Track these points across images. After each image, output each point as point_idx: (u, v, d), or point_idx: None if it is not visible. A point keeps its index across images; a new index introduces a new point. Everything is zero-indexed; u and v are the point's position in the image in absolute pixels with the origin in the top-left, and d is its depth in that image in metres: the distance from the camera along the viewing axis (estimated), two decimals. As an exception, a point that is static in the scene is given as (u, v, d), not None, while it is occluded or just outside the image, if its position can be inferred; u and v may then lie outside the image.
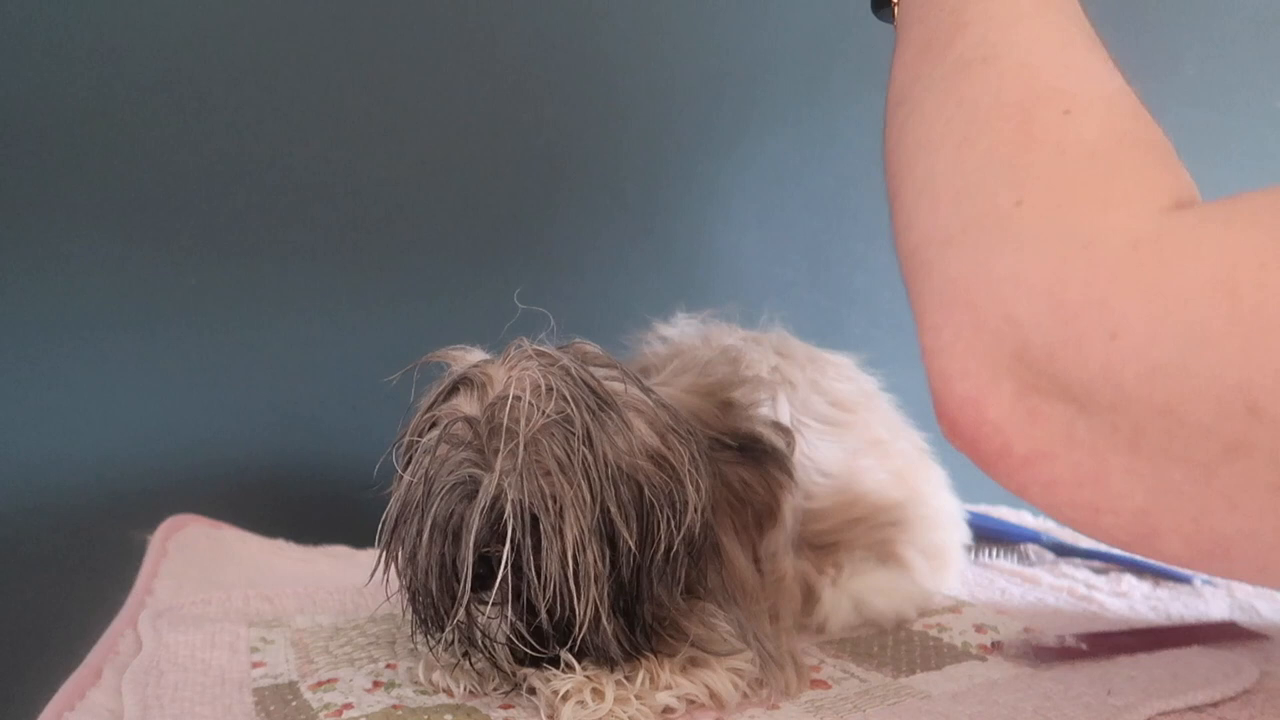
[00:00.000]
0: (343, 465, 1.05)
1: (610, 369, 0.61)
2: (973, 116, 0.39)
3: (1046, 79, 0.39)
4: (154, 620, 0.68)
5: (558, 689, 0.55)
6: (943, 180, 0.38)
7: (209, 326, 1.06)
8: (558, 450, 0.54)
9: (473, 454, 0.55)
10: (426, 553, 0.56)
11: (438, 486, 0.55)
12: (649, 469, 0.57)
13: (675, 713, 0.57)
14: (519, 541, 0.53)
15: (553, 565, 0.53)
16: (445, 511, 0.55)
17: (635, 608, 0.56)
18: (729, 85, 1.27)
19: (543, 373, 0.56)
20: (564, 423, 0.55)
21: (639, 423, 0.58)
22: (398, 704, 0.57)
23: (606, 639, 0.55)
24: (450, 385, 0.58)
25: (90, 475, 1.02)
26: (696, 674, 0.58)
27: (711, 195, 1.26)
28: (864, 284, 1.36)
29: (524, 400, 0.55)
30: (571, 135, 1.21)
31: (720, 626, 0.59)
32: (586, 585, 0.54)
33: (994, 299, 0.32)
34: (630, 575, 0.55)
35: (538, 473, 0.54)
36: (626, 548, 0.55)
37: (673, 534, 0.56)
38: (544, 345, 0.60)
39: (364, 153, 1.12)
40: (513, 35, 1.16)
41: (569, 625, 0.55)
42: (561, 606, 0.54)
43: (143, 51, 1.02)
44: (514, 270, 0.90)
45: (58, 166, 1.00)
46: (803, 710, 0.57)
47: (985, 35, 0.42)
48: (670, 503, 0.56)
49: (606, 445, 0.55)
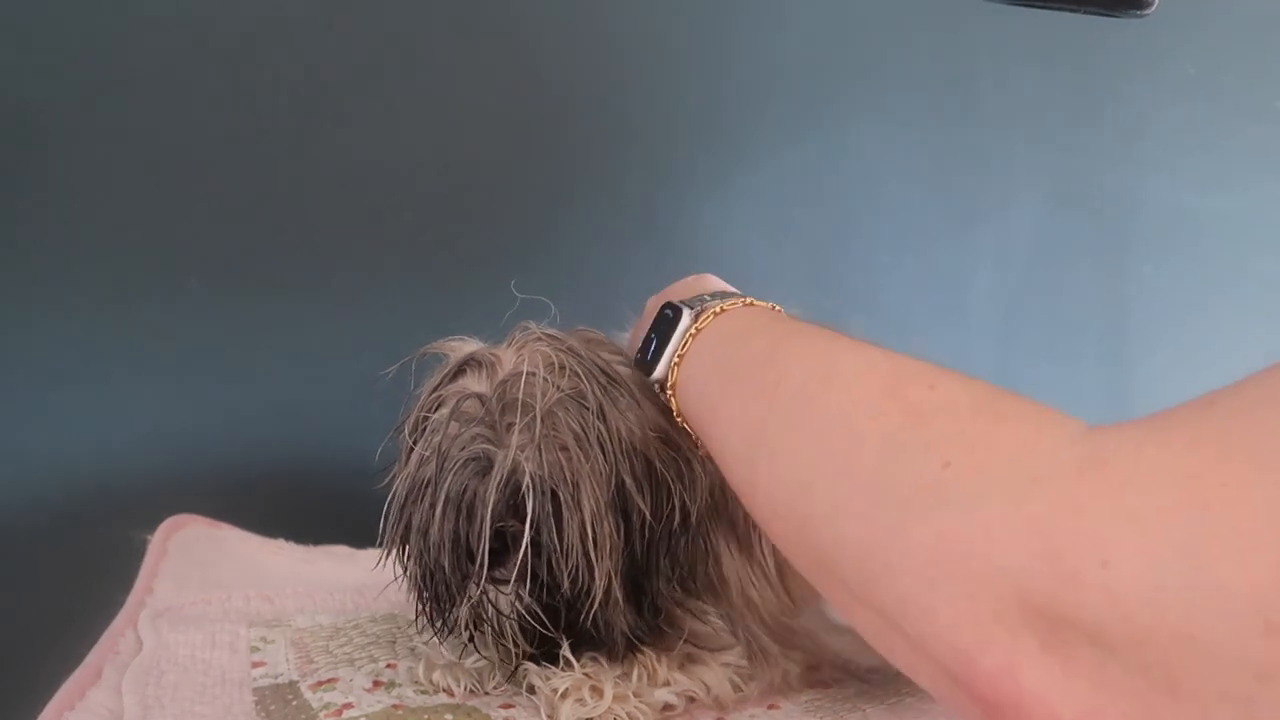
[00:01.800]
0: (343, 465, 1.05)
1: (616, 354, 0.61)
2: (848, 423, 0.38)
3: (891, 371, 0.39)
4: (154, 620, 0.68)
5: (556, 687, 0.55)
6: (852, 488, 0.36)
7: (209, 326, 1.06)
8: (573, 424, 0.54)
9: (485, 430, 0.55)
10: (440, 528, 0.55)
11: (450, 462, 0.55)
12: (659, 447, 0.57)
13: (675, 710, 0.57)
14: (537, 516, 0.53)
15: (573, 538, 0.53)
16: (459, 487, 0.54)
17: (645, 584, 0.57)
18: (731, 86, 1.27)
19: (554, 351, 0.57)
20: (577, 398, 0.55)
21: (648, 403, 0.58)
22: (398, 704, 0.57)
23: (616, 615, 0.55)
24: (457, 366, 0.59)
25: (90, 475, 1.02)
26: (693, 670, 0.58)
27: (713, 195, 1.26)
28: (864, 284, 1.36)
29: (538, 375, 0.55)
30: (573, 135, 1.21)
31: (712, 621, 0.59)
32: (603, 558, 0.54)
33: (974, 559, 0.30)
34: (643, 549, 0.56)
35: (555, 446, 0.54)
36: (641, 521, 0.55)
37: (687, 507, 0.56)
38: (551, 329, 0.60)
39: (364, 151, 1.12)
40: (516, 35, 1.16)
41: (581, 600, 0.55)
42: (578, 580, 0.54)
43: (142, 48, 1.02)
44: (515, 270, 0.90)
45: (55, 165, 1.00)
46: (803, 710, 0.57)
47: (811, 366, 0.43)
48: (680, 479, 0.57)
49: (619, 421, 0.56)
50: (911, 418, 0.36)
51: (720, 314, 0.53)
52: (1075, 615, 0.28)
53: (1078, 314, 1.51)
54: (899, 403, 0.37)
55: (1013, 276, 1.46)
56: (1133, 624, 0.26)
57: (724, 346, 0.51)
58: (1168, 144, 1.51)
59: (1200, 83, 1.52)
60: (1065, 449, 0.31)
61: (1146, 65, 1.48)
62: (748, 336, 0.50)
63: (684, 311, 0.54)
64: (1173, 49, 1.48)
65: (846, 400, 0.39)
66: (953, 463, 0.33)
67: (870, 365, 0.41)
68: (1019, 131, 1.44)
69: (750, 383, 0.46)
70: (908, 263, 1.39)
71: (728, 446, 0.47)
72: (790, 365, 0.44)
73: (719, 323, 0.53)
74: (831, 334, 0.46)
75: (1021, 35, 1.39)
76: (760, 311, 0.54)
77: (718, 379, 0.50)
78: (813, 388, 0.41)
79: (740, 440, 0.45)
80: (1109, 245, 1.52)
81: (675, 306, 0.54)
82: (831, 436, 0.39)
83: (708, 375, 0.51)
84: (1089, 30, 1.37)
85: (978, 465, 0.33)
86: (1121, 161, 1.50)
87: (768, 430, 0.43)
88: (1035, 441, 0.32)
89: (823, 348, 0.44)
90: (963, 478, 0.33)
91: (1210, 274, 1.55)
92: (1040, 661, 0.29)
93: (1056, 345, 1.48)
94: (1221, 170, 1.54)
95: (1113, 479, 0.29)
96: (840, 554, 0.36)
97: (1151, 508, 0.27)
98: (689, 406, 0.53)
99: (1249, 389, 0.28)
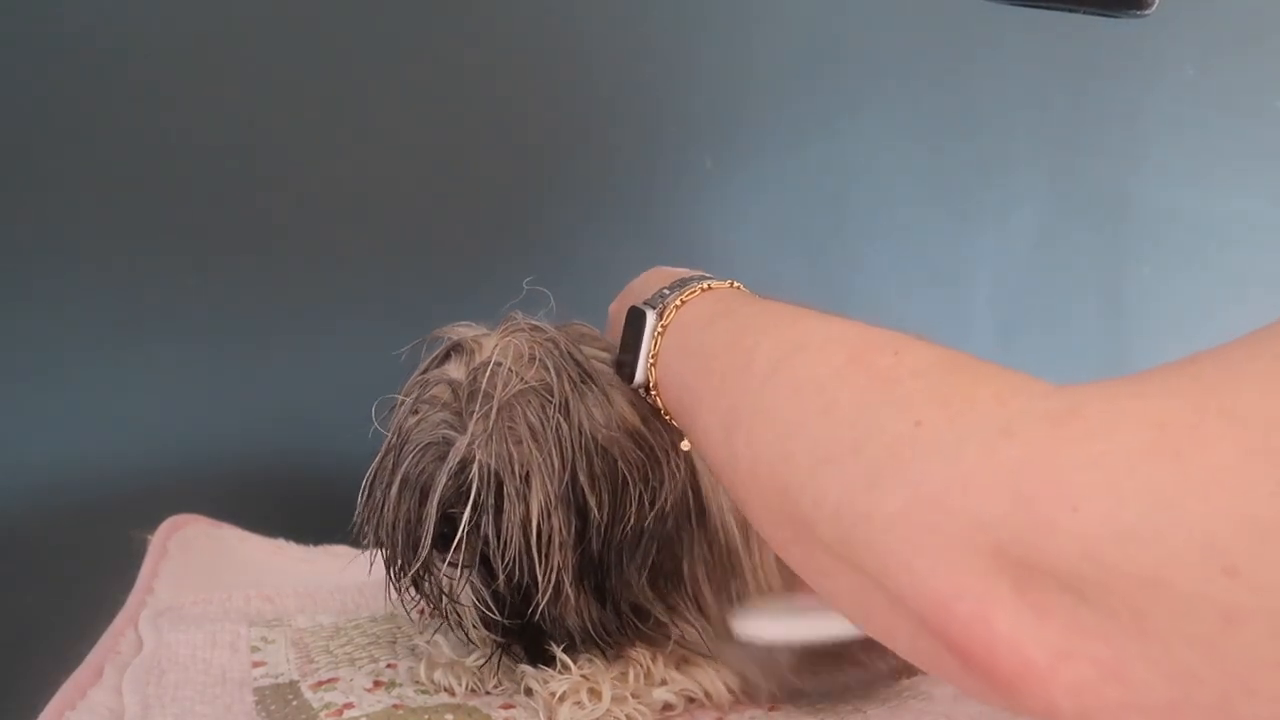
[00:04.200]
0: (343, 465, 1.05)
1: (601, 350, 0.61)
2: (820, 388, 0.39)
3: (858, 338, 0.41)
4: (155, 619, 0.68)
5: (554, 690, 0.55)
6: (829, 443, 0.37)
7: (209, 326, 1.06)
8: (532, 417, 0.54)
9: (450, 416, 0.56)
10: (395, 508, 0.56)
11: (411, 445, 0.56)
12: (626, 445, 0.57)
13: (674, 710, 0.57)
14: (482, 504, 0.54)
15: (513, 530, 0.54)
16: (415, 469, 0.56)
17: (605, 583, 0.56)
18: (726, 83, 1.27)
19: (529, 342, 0.57)
20: (542, 391, 0.55)
21: (621, 400, 0.58)
22: (398, 703, 0.57)
23: (567, 611, 0.55)
24: (444, 351, 0.59)
25: (90, 475, 1.02)
26: (690, 671, 0.58)
27: (714, 196, 1.26)
28: (864, 284, 1.36)
29: (504, 366, 0.55)
30: (568, 134, 1.21)
31: (692, 632, 0.59)
32: (550, 553, 0.54)
33: (950, 511, 0.31)
34: (600, 549, 0.56)
35: (508, 438, 0.54)
36: (597, 520, 0.55)
37: (645, 511, 0.56)
38: (540, 321, 0.60)
39: (364, 151, 1.12)
40: (516, 35, 1.16)
41: (531, 593, 0.55)
42: (520, 572, 0.54)
43: (144, 54, 1.02)
44: (513, 269, 0.90)
45: (58, 167, 1.00)
46: (803, 711, 0.57)
47: (777, 341, 0.44)
48: (645, 480, 0.56)
49: (584, 417, 0.56)
50: (877, 381, 0.38)
51: (682, 306, 0.53)
52: (1047, 561, 0.28)
53: (1078, 316, 1.51)
54: (865, 368, 0.38)
55: (1012, 277, 1.46)
56: (1102, 568, 0.27)
57: (692, 337, 0.52)
58: (1167, 144, 1.51)
59: (1199, 83, 1.52)
60: (1038, 401, 0.32)
61: (1146, 66, 1.48)
62: (713, 322, 0.51)
63: (647, 312, 0.54)
64: (1172, 49, 1.48)
65: (816, 370, 0.40)
66: (924, 420, 0.34)
67: (836, 335, 0.42)
68: (1019, 132, 1.44)
69: (722, 368, 0.47)
70: (908, 265, 1.39)
71: (708, 433, 0.48)
72: (758, 344, 0.45)
73: (683, 314, 0.53)
74: (794, 308, 0.47)
75: (1021, 35, 1.39)
76: (720, 294, 0.54)
77: (691, 370, 0.51)
78: (781, 362, 0.42)
79: (718, 424, 0.46)
80: (1108, 246, 1.52)
81: (638, 309, 0.55)
82: (804, 404, 0.40)
83: (682, 369, 0.52)
84: (1089, 30, 1.37)
85: (950, 419, 0.33)
86: (1121, 162, 1.50)
87: (741, 410, 0.44)
88: (1007, 397, 0.33)
89: (788, 323, 0.45)
90: (936, 432, 0.33)
91: (1211, 276, 1.55)
92: (1013, 607, 0.29)
93: (1057, 347, 1.49)
94: (1221, 171, 1.54)
95: (1084, 427, 0.29)
96: (819, 514, 0.37)
97: (1121, 453, 0.28)
98: (672, 403, 0.53)
99: (1231, 349, 0.28)
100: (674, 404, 0.53)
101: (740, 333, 0.47)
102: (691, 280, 0.55)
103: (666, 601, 0.59)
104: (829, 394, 0.39)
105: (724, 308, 0.52)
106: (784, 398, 0.41)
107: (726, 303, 0.52)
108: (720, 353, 0.48)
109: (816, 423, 0.38)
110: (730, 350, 0.47)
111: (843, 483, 0.36)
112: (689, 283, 0.55)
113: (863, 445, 0.36)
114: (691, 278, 0.56)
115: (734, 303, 0.52)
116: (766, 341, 0.44)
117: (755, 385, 0.43)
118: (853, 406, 0.37)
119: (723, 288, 0.55)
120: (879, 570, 0.34)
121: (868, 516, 0.34)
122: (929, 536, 0.31)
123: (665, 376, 0.53)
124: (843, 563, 0.36)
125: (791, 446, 0.40)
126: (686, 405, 0.51)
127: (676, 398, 0.52)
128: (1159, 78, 1.49)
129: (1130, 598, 0.27)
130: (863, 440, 0.36)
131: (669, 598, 0.59)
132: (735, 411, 0.44)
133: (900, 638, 0.35)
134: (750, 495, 0.43)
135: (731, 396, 0.45)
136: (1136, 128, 1.50)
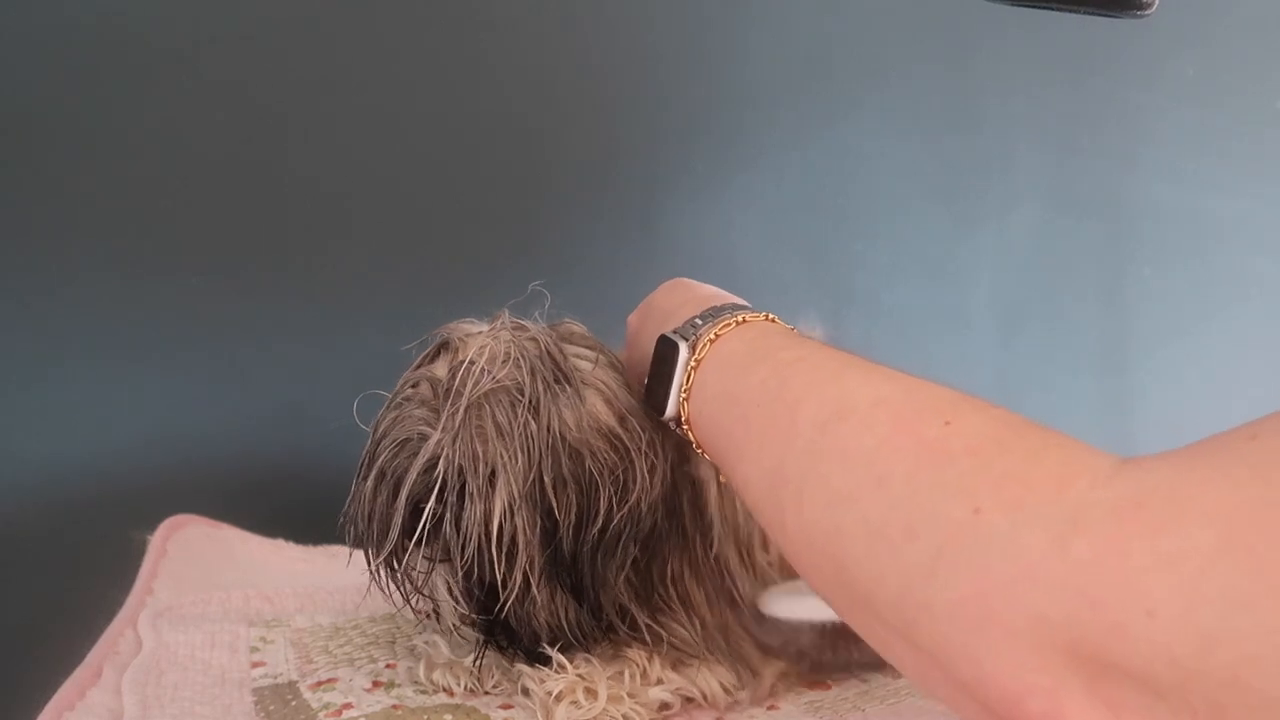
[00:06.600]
0: (343, 465, 1.05)
1: (586, 349, 0.61)
2: (870, 460, 0.38)
3: (904, 402, 0.39)
4: (154, 620, 0.68)
5: (551, 690, 0.55)
6: (883, 523, 0.36)
7: (209, 326, 1.06)
8: (500, 416, 0.55)
9: (428, 413, 0.56)
10: (370, 501, 0.57)
11: (388, 440, 0.57)
12: (599, 446, 0.57)
13: (672, 710, 0.57)
14: (448, 500, 0.54)
15: (473, 527, 0.54)
16: (391, 464, 0.57)
17: (581, 584, 0.57)
18: (732, 87, 1.27)
19: (509, 341, 0.57)
20: (514, 390, 0.55)
21: (597, 401, 0.58)
22: (398, 704, 0.57)
23: (537, 610, 0.56)
24: (435, 349, 0.60)
25: (90, 475, 1.02)
26: (686, 671, 0.58)
27: (715, 196, 1.26)
28: (864, 284, 1.36)
29: (478, 365, 0.56)
30: (570, 135, 1.21)
31: (681, 632, 0.59)
32: (514, 551, 0.54)
33: (1016, 606, 0.30)
34: (572, 548, 0.56)
35: (476, 436, 0.54)
36: (566, 520, 0.55)
37: (612, 512, 0.56)
38: (531, 320, 0.61)
39: (362, 152, 1.12)
40: (515, 35, 1.16)
41: (499, 590, 0.55)
42: (481, 569, 0.55)
43: (142, 54, 1.02)
44: (513, 270, 0.90)
45: (55, 164, 1.00)
46: (803, 710, 0.57)
47: (821, 400, 0.42)
48: (615, 481, 0.56)
49: (554, 417, 0.56)
50: (932, 454, 0.36)
51: (716, 340, 0.52)
52: (1121, 662, 0.28)
53: (1078, 316, 1.51)
54: (916, 440, 0.37)
55: (1013, 278, 1.46)
56: (1180, 671, 0.27)
57: (729, 380, 0.50)
58: (1167, 145, 1.51)
59: (1200, 84, 1.52)
60: (1101, 488, 0.31)
61: (1146, 67, 1.48)
62: (750, 365, 0.49)
63: (680, 344, 0.52)
64: (1173, 50, 1.48)
65: (863, 439, 0.39)
66: (983, 507, 0.33)
67: (884, 397, 0.40)
68: (1019, 133, 1.44)
69: (763, 421, 0.45)
70: (908, 265, 1.39)
71: (749, 485, 0.47)
72: (801, 400, 0.43)
73: (717, 349, 0.51)
74: (834, 356, 0.46)
75: (1022, 37, 1.39)
76: (755, 330, 0.52)
77: (730, 417, 0.49)
78: (827, 425, 0.41)
79: (762, 483, 0.45)
80: (1109, 247, 1.52)
81: (669, 340, 0.53)
82: (854, 475, 0.39)
83: (718, 413, 0.50)
84: (1089, 32, 1.37)
85: (1010, 507, 0.32)
86: (1121, 163, 1.50)
87: (788, 472, 0.42)
88: (1069, 480, 0.32)
89: (830, 377, 0.44)
90: (996, 521, 0.32)
91: (1211, 276, 1.55)
92: (1087, 705, 0.29)
93: (1057, 347, 1.49)
94: (1222, 172, 1.54)
95: (1151, 522, 0.28)
96: (879, 592, 0.36)
97: (1191, 551, 0.27)
98: (706, 443, 0.52)
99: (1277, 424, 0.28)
100: (708, 444, 0.52)
101: (781, 386, 0.46)
102: (724, 310, 0.54)
103: (650, 602, 0.59)
104: (880, 467, 0.38)
105: (760, 348, 0.50)
106: (833, 465, 0.40)
107: (763, 342, 0.50)
108: (761, 403, 0.46)
109: (869, 498, 0.37)
110: (772, 403, 0.45)
111: (901, 567, 0.35)
112: (722, 313, 0.53)
113: (919, 529, 0.35)
114: (725, 306, 0.54)
115: (771, 344, 0.50)
116: (810, 400, 0.43)
117: (800, 446, 0.42)
118: (905, 483, 0.36)
119: (757, 320, 0.53)
120: (943, 658, 0.33)
121: (928, 605, 0.33)
122: (994, 629, 0.31)
123: (699, 416, 0.52)
124: (905, 640, 0.35)
125: (843, 520, 0.38)
126: (723, 450, 0.50)
127: (711, 438, 0.51)
128: (1159, 78, 1.49)
129: (1209, 696, 0.26)
130: (918, 524, 0.35)
131: (653, 598, 0.59)
132: (780, 471, 0.43)
133: (966, 713, 0.35)
134: (802, 560, 0.42)
135: (775, 454, 0.44)
136: (1136, 128, 1.50)
